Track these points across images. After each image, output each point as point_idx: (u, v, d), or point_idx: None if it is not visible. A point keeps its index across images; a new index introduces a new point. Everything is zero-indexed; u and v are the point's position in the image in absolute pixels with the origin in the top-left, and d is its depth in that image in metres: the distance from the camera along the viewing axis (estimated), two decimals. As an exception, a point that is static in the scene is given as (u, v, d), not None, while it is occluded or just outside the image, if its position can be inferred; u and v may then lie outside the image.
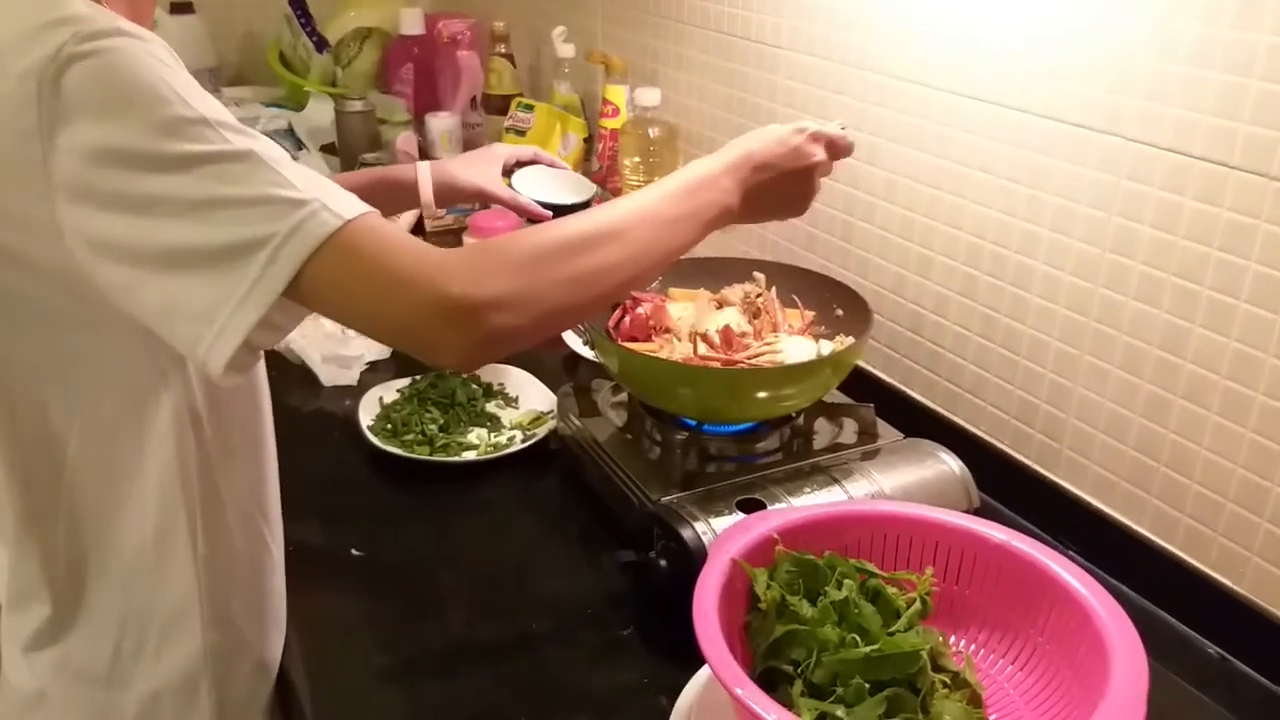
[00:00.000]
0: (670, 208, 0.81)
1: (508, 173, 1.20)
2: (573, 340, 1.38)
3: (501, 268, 0.71)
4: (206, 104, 0.67)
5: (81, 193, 0.65)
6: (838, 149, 0.94)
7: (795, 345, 1.07)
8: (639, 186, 1.59)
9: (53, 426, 0.78)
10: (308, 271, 0.66)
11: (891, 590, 0.78)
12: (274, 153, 0.69)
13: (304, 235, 0.66)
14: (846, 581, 0.77)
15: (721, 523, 0.89)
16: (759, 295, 1.16)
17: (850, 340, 1.09)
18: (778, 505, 0.92)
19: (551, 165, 1.28)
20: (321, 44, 2.22)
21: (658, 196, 0.82)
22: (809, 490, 0.94)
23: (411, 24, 2.12)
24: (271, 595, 0.93)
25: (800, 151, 0.90)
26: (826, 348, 1.09)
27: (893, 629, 0.75)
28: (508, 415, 1.27)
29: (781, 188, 0.90)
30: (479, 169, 1.18)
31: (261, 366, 0.89)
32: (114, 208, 0.65)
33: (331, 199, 0.68)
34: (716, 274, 1.22)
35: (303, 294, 0.67)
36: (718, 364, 1.06)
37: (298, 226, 0.66)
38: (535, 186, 1.24)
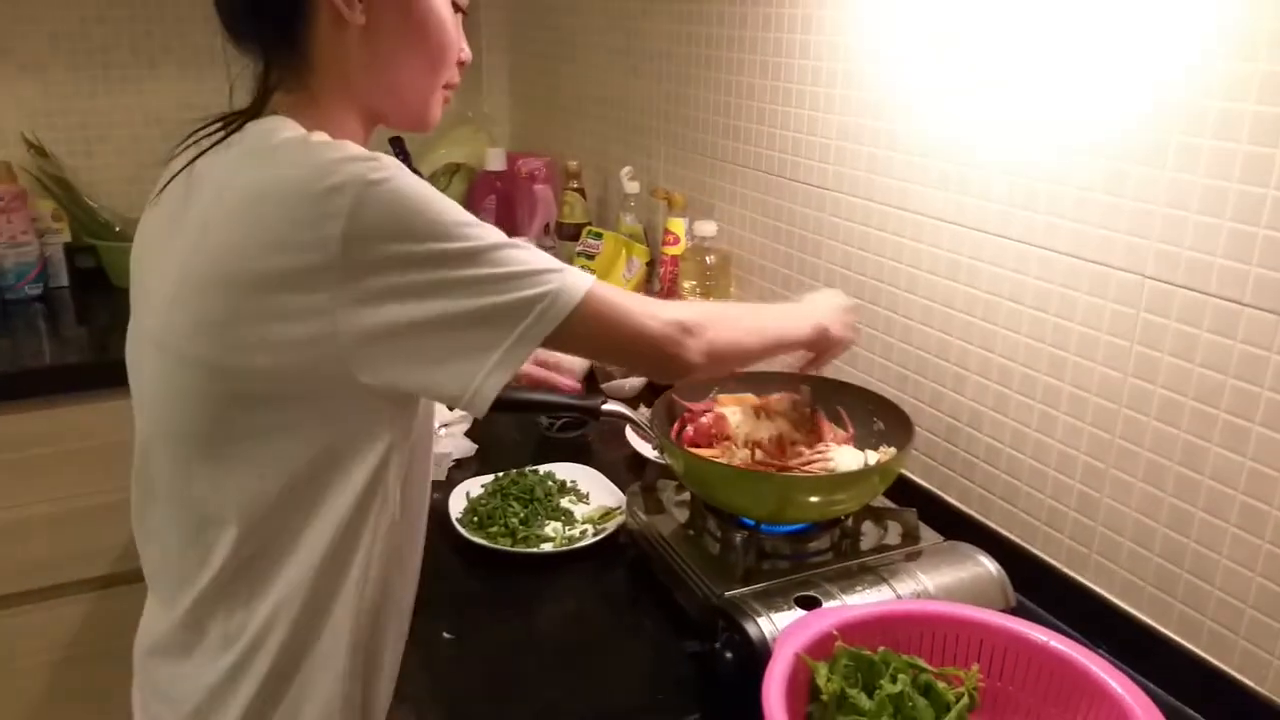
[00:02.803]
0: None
1: None
2: (638, 444, 1.40)
3: (693, 307, 0.95)
4: (463, 210, 0.77)
5: (376, 294, 0.73)
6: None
7: (845, 455, 1.08)
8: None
9: (251, 487, 0.81)
10: (572, 318, 0.78)
11: (941, 685, 0.77)
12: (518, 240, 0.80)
13: (570, 291, 0.79)
14: (900, 676, 0.77)
15: (781, 617, 0.89)
16: (810, 409, 1.18)
17: (893, 450, 1.10)
18: (832, 602, 0.92)
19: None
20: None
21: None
22: (860, 589, 0.94)
23: (495, 161, 2.21)
24: (392, 652, 0.94)
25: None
26: (872, 458, 1.10)
27: (944, 721, 0.74)
28: (580, 510, 1.28)
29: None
30: None
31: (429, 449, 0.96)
32: (411, 298, 0.73)
33: (573, 268, 0.81)
34: (765, 385, 1.23)
35: (565, 337, 0.79)
36: (773, 470, 1.07)
37: (562, 287, 0.78)
38: None
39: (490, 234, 0.77)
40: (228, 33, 0.85)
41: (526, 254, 0.78)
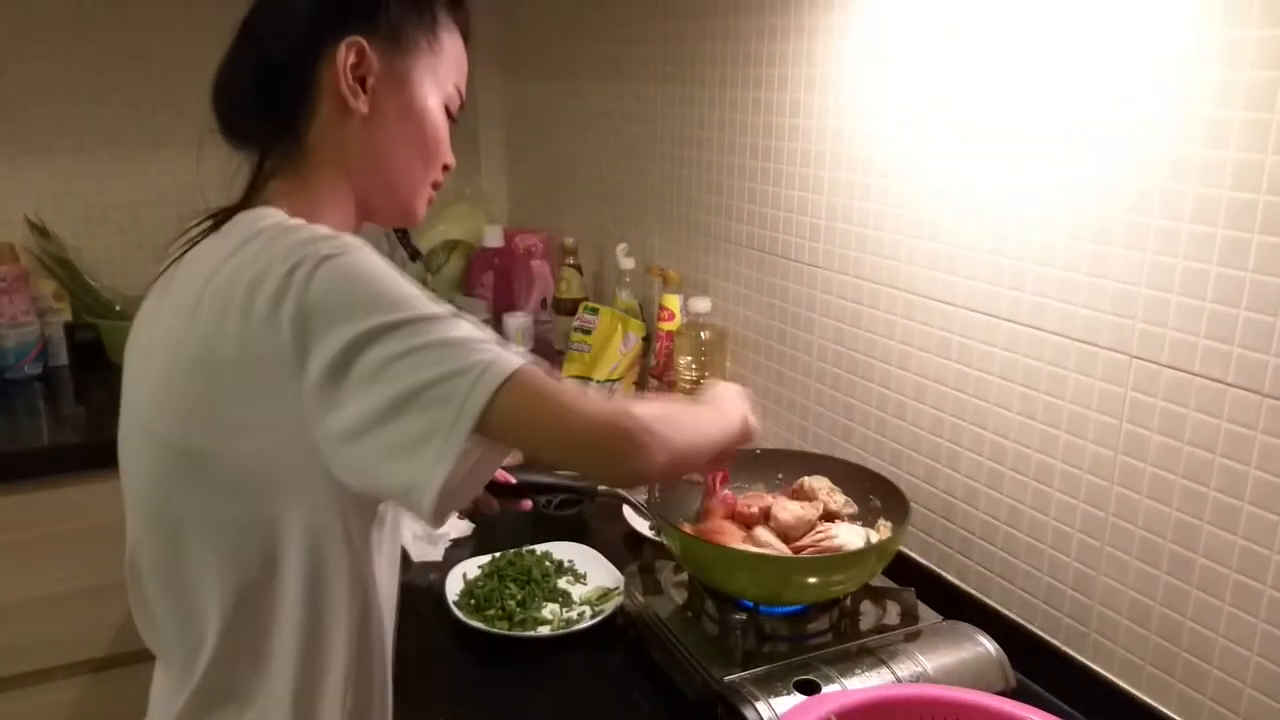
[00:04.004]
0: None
1: None
2: (636, 522, 1.40)
3: (636, 405, 0.80)
4: (415, 286, 0.77)
5: (329, 382, 0.73)
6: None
7: (848, 532, 1.09)
8: (692, 381, 1.64)
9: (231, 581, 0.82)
10: (504, 395, 0.72)
11: (941, 772, 0.77)
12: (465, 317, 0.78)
13: (500, 364, 0.73)
14: (900, 763, 0.77)
15: (780, 703, 0.89)
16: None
17: (890, 528, 1.11)
18: (831, 687, 0.92)
19: None
20: (415, 254, 2.32)
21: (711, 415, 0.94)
22: (859, 671, 0.94)
23: (493, 238, 2.25)
24: None
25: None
26: (874, 536, 1.10)
27: (945, 810, 0.74)
28: (578, 591, 1.28)
29: None
30: None
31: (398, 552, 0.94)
32: (360, 387, 0.73)
33: (507, 348, 0.76)
34: (776, 464, 1.25)
35: (499, 421, 0.72)
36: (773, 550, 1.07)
37: (495, 360, 0.73)
38: None
39: (435, 307, 0.76)
40: (226, 128, 0.88)
41: (467, 326, 0.76)
